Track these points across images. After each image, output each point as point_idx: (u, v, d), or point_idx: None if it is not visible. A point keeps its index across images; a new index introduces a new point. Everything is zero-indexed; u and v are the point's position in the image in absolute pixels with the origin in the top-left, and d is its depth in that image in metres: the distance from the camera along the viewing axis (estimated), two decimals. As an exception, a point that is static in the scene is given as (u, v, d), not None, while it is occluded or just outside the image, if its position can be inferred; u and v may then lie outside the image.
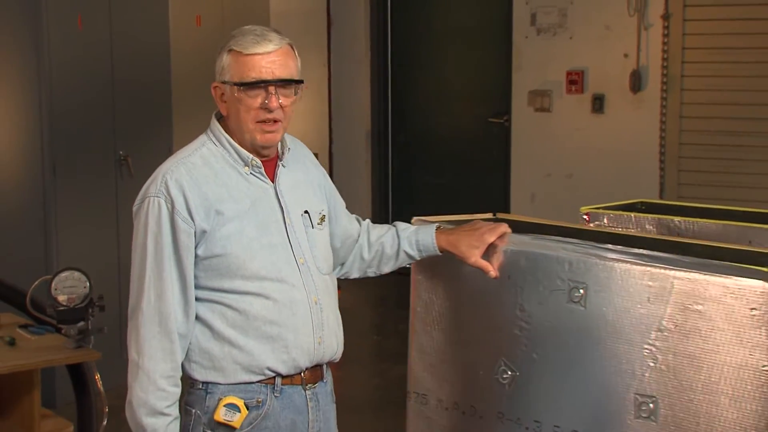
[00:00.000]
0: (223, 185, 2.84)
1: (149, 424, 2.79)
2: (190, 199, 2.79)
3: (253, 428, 2.85)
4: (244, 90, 2.81)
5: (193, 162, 2.85)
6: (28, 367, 4.04)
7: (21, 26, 5.99)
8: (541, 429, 3.11)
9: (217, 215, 2.80)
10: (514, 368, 3.16)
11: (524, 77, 8.07)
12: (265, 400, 2.86)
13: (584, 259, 2.98)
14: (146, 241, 2.80)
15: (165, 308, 2.79)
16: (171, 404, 2.80)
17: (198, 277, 2.82)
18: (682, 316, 2.80)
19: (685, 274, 2.80)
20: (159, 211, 2.79)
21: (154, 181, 2.84)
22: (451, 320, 3.28)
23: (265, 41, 2.83)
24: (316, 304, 2.91)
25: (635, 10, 7.57)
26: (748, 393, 2.71)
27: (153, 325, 2.79)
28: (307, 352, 2.90)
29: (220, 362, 2.84)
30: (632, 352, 2.89)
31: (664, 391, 2.84)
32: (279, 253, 2.87)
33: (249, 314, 2.83)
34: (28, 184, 6.09)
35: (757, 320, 2.69)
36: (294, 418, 2.91)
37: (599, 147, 7.83)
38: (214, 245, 2.80)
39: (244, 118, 2.84)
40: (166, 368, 2.79)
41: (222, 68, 2.85)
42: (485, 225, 3.07)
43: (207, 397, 2.85)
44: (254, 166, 2.88)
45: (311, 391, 2.95)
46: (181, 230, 2.78)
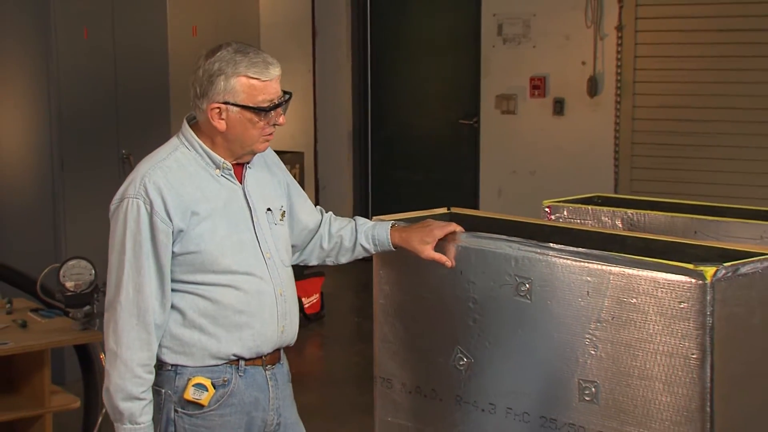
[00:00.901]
0: (197, 187, 2.81)
1: (126, 408, 2.77)
2: (168, 201, 2.76)
3: (220, 405, 2.85)
4: (257, 112, 2.78)
5: (169, 165, 2.81)
6: (38, 347, 4.04)
7: (32, 37, 5.99)
8: (495, 411, 3.11)
9: (193, 215, 2.78)
10: (469, 355, 3.16)
11: (491, 82, 8.06)
12: (231, 380, 2.86)
13: (529, 256, 2.98)
14: (125, 239, 2.76)
15: (143, 302, 2.76)
16: (146, 389, 2.79)
17: (173, 271, 2.80)
18: (618, 309, 2.80)
19: (621, 270, 2.79)
20: (138, 212, 2.75)
21: (133, 183, 2.79)
22: (410, 311, 3.28)
23: (271, 67, 2.79)
24: (281, 296, 2.91)
25: (592, 22, 7.58)
26: (679, 379, 2.71)
27: (131, 317, 2.75)
28: (270, 340, 2.90)
29: (190, 348, 2.83)
30: (575, 341, 2.89)
31: (605, 377, 2.84)
32: (248, 249, 2.86)
33: (220, 304, 2.82)
34: (39, 180, 6.08)
35: (685, 312, 2.69)
36: (257, 395, 2.91)
37: (560, 146, 7.84)
38: (189, 243, 2.79)
39: (252, 135, 2.82)
40: (143, 357, 2.77)
41: (225, 91, 2.76)
42: (435, 223, 3.07)
43: (176, 377, 2.84)
44: (225, 169, 2.86)
45: (271, 371, 2.95)
46: (159, 230, 2.75)
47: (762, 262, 2.77)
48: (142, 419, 2.79)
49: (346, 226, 3.16)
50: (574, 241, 3.05)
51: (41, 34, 5.94)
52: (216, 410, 2.85)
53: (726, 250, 2.88)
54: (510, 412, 3.08)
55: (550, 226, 3.40)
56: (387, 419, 3.44)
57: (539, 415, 3.00)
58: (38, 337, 4.07)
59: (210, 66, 2.79)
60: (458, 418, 3.22)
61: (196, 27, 6.91)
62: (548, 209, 3.80)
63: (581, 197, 3.90)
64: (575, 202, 3.82)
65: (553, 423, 2.98)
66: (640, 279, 2.77)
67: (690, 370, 2.70)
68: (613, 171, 7.65)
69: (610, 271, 2.83)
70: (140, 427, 2.79)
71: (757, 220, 3.49)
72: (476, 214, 3.53)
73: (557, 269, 2.93)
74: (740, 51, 7.15)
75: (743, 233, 3.43)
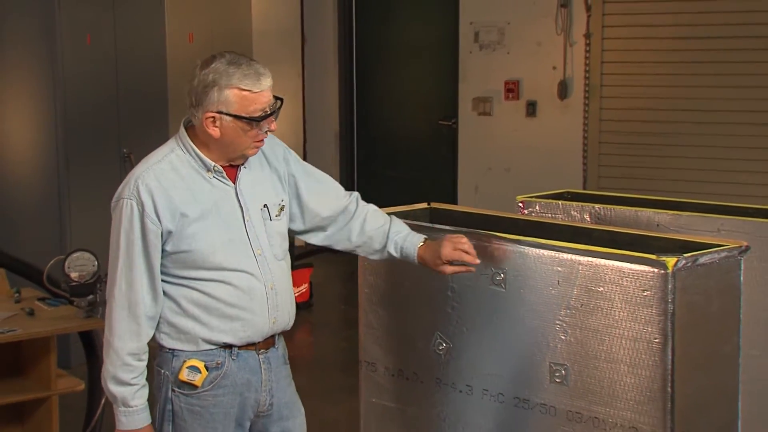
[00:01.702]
0: (188, 189, 2.79)
1: (119, 392, 2.79)
2: (158, 204, 2.75)
3: (213, 386, 2.85)
4: (249, 122, 2.76)
5: (162, 168, 2.79)
6: (45, 334, 4.02)
7: (39, 43, 5.96)
8: (472, 392, 3.12)
9: (182, 217, 2.77)
10: (447, 341, 3.17)
11: (469, 86, 8.06)
12: (224, 363, 2.86)
13: (503, 247, 3.00)
14: (119, 238, 2.77)
15: (134, 296, 2.76)
16: (136, 376, 2.79)
17: (167, 266, 2.80)
18: (586, 296, 2.82)
19: (589, 260, 2.82)
20: (131, 212, 2.75)
21: (128, 184, 2.79)
22: (393, 300, 3.29)
23: (263, 78, 2.76)
24: (272, 290, 2.88)
25: (562, 30, 7.58)
26: (642, 361, 2.73)
27: (123, 310, 2.76)
28: (260, 331, 2.88)
29: (185, 335, 2.83)
30: (546, 327, 2.91)
31: (574, 360, 2.87)
32: (238, 246, 2.84)
33: (212, 296, 2.82)
34: (45, 178, 6.06)
35: (648, 300, 2.71)
36: (249, 377, 2.90)
37: (532, 145, 7.84)
38: (181, 242, 2.78)
39: (244, 142, 2.79)
40: (133, 347, 2.77)
41: (219, 101, 2.73)
42: (447, 242, 2.96)
43: (173, 360, 2.85)
44: (216, 171, 2.83)
45: (264, 355, 2.93)
46: (149, 230, 2.75)
47: (719, 253, 2.79)
48: (134, 402, 2.80)
49: (379, 228, 3.06)
50: (545, 233, 3.06)
51: (48, 41, 5.92)
52: (209, 391, 2.85)
53: (686, 242, 2.90)
54: (486, 393, 3.09)
55: (523, 219, 3.41)
56: (372, 400, 3.45)
57: (513, 396, 3.01)
58: (45, 324, 4.06)
59: (204, 77, 2.75)
60: (438, 399, 3.23)
61: (192, 34, 6.89)
62: (521, 204, 3.81)
63: (552, 193, 3.92)
64: (547, 198, 3.83)
65: (526, 403, 2.99)
66: (607, 269, 2.79)
67: (653, 353, 2.72)
68: (582, 168, 7.66)
69: (579, 262, 2.84)
70: (133, 410, 2.80)
71: (714, 214, 3.51)
72: (455, 208, 3.53)
73: (530, 260, 2.94)
74: (698, 57, 7.17)
75: (702, 226, 3.44)
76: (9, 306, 4.25)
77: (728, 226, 3.41)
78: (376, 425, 3.45)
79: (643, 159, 7.42)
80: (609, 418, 2.81)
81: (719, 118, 7.14)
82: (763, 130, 6.99)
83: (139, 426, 2.82)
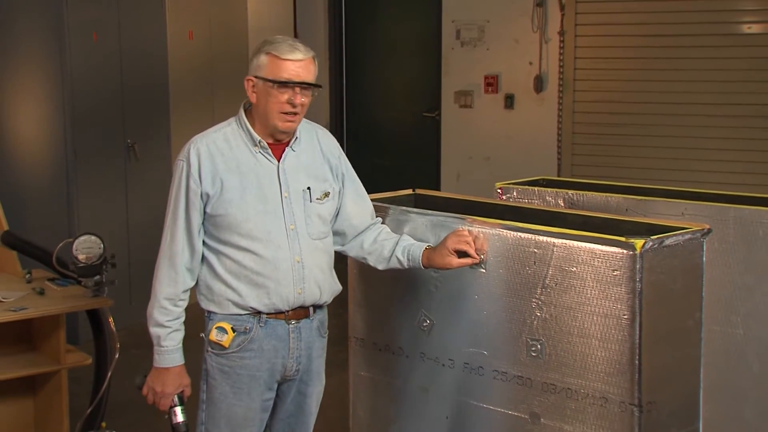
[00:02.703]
0: (234, 158, 2.87)
1: (154, 332, 2.89)
2: (202, 167, 2.84)
3: (241, 349, 2.90)
4: (276, 86, 2.81)
5: (216, 137, 2.90)
6: (55, 312, 4.01)
7: (49, 41, 5.94)
8: (454, 366, 3.13)
9: (222, 183, 2.84)
10: (431, 318, 3.17)
11: (451, 80, 8.04)
12: (252, 328, 2.89)
13: (483, 230, 2.99)
14: (171, 195, 2.90)
15: (174, 247, 2.87)
16: (171, 319, 2.88)
17: (208, 229, 2.88)
18: (560, 276, 2.83)
19: (563, 242, 2.82)
20: (182, 172, 2.86)
21: (185, 148, 2.90)
22: (381, 280, 3.29)
23: (295, 51, 2.82)
24: (298, 263, 2.89)
25: (538, 28, 7.57)
26: (612, 336, 2.74)
27: (165, 259, 2.88)
28: (286, 300, 2.90)
29: (217, 297, 2.89)
30: (523, 304, 2.91)
31: (549, 335, 2.87)
32: (271, 219, 2.87)
33: (241, 264, 2.86)
34: (55, 166, 6.04)
35: (618, 279, 2.71)
36: (276, 344, 2.92)
37: (510, 136, 7.83)
38: (219, 206, 2.85)
39: (272, 108, 2.84)
40: (170, 292, 2.87)
41: (257, 66, 2.83)
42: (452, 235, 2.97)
43: (208, 322, 2.93)
44: (262, 147, 2.89)
45: (294, 325, 2.94)
46: (191, 189, 2.85)
47: (684, 235, 2.79)
48: (165, 343, 2.88)
49: (391, 239, 3.08)
50: (522, 217, 3.06)
51: (56, 39, 5.89)
52: (237, 352, 2.90)
53: (653, 225, 2.91)
54: (467, 367, 3.09)
55: (501, 205, 3.41)
56: (360, 373, 3.45)
57: (492, 369, 3.02)
58: (54, 303, 4.04)
59: (255, 50, 2.87)
60: (422, 372, 3.23)
61: (191, 31, 6.86)
62: (500, 190, 3.81)
63: (529, 180, 3.92)
64: (523, 184, 3.83)
65: (504, 375, 2.99)
66: (580, 250, 2.79)
67: (622, 328, 2.72)
68: (557, 157, 7.65)
69: (554, 244, 2.84)
70: (164, 349, 2.89)
71: (679, 199, 3.51)
72: (438, 194, 3.53)
73: (508, 242, 2.94)
74: (664, 54, 7.17)
75: (667, 210, 3.45)
76: (21, 286, 4.24)
77: (691, 211, 3.41)
78: (365, 396, 3.45)
79: (613, 148, 7.43)
80: (581, 389, 2.81)
81: (683, 110, 7.16)
82: (722, 122, 7.01)
83: (168, 365, 2.90)
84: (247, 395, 2.92)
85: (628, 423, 2.73)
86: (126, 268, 6.17)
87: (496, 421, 3.02)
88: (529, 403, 2.93)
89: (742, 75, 6.94)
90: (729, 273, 3.39)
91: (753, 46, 6.91)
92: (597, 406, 2.78)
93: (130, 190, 6.36)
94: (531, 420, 2.93)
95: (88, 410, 4.15)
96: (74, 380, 4.43)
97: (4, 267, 4.48)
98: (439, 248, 2.97)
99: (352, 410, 3.51)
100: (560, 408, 2.86)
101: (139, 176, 6.44)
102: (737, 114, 6.97)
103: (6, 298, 4.03)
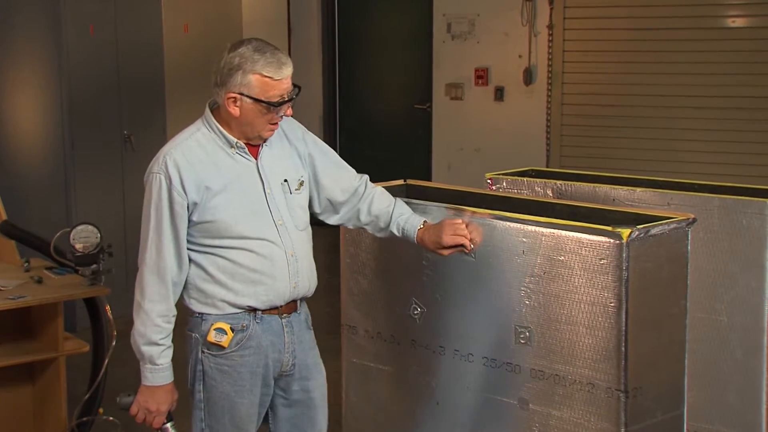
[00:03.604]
0: (212, 164, 2.79)
1: (146, 351, 2.80)
2: (184, 177, 2.75)
3: (239, 347, 2.84)
4: (267, 106, 2.74)
5: (189, 145, 2.79)
6: (53, 300, 4.00)
7: (46, 34, 5.92)
8: (444, 353, 3.12)
9: (207, 190, 2.77)
10: (422, 306, 3.16)
11: (442, 73, 8.03)
12: (249, 325, 2.84)
13: (473, 220, 2.98)
14: (150, 209, 2.78)
15: (162, 263, 2.77)
16: (164, 337, 2.80)
17: (194, 236, 2.80)
18: (548, 265, 2.82)
19: (551, 232, 2.81)
20: (160, 186, 2.76)
21: (158, 160, 2.79)
22: (372, 269, 3.28)
23: (283, 66, 2.74)
24: (292, 257, 2.86)
25: (527, 21, 7.56)
26: (599, 323, 2.74)
27: (153, 275, 2.77)
28: (282, 295, 2.87)
29: (212, 299, 2.83)
30: (512, 293, 2.91)
31: (537, 323, 2.87)
32: (259, 217, 2.83)
33: (236, 263, 2.80)
34: (52, 157, 6.03)
35: (605, 267, 2.71)
36: (273, 339, 2.88)
37: (500, 127, 7.83)
38: (206, 213, 2.77)
39: (260, 123, 2.77)
40: (162, 309, 2.78)
41: (243, 85, 2.71)
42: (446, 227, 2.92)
43: (202, 323, 2.84)
44: (239, 147, 2.83)
45: (287, 319, 2.91)
46: (176, 202, 2.75)
47: (669, 225, 2.80)
48: (160, 361, 2.81)
49: (384, 209, 3.02)
50: (511, 207, 3.06)
51: (54, 32, 5.88)
52: (236, 351, 2.84)
53: (639, 214, 2.91)
54: (457, 354, 3.09)
55: (491, 195, 3.41)
56: (353, 360, 3.45)
57: (482, 356, 3.02)
58: (52, 291, 4.03)
59: (231, 60, 2.73)
60: (413, 359, 3.23)
61: (187, 25, 6.86)
62: (490, 181, 3.81)
63: (518, 170, 3.91)
64: (513, 175, 3.83)
65: (493, 362, 3.00)
66: (567, 239, 2.79)
67: (608, 316, 2.72)
68: (545, 148, 7.66)
69: (542, 233, 2.84)
70: (159, 368, 2.81)
71: (664, 189, 3.52)
72: (429, 185, 3.52)
73: (497, 232, 2.94)
74: (651, 47, 7.18)
75: (653, 200, 3.46)
76: (19, 275, 4.23)
77: (677, 200, 3.42)
78: (357, 383, 3.45)
79: (600, 140, 7.44)
80: (569, 375, 2.81)
81: (669, 102, 7.17)
82: (707, 114, 7.03)
83: (164, 382, 2.83)
84: (249, 392, 2.88)
85: (614, 408, 2.73)
86: (123, 257, 6.15)
87: (485, 407, 3.02)
88: (518, 389, 2.93)
89: (727, 68, 6.95)
90: (713, 261, 3.40)
91: (737, 39, 6.92)
92: (584, 392, 2.78)
93: (127, 180, 6.35)
94: (520, 405, 2.93)
95: (86, 396, 4.15)
96: (72, 367, 4.42)
97: (2, 256, 4.47)
98: (433, 236, 2.92)
99: (344, 397, 3.51)
100: (548, 394, 2.86)
101: (136, 167, 6.41)
102: (722, 106, 6.99)
103: (5, 287, 4.02)
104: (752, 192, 3.45)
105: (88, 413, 4.14)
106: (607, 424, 2.75)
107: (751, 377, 3.39)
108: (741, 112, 6.93)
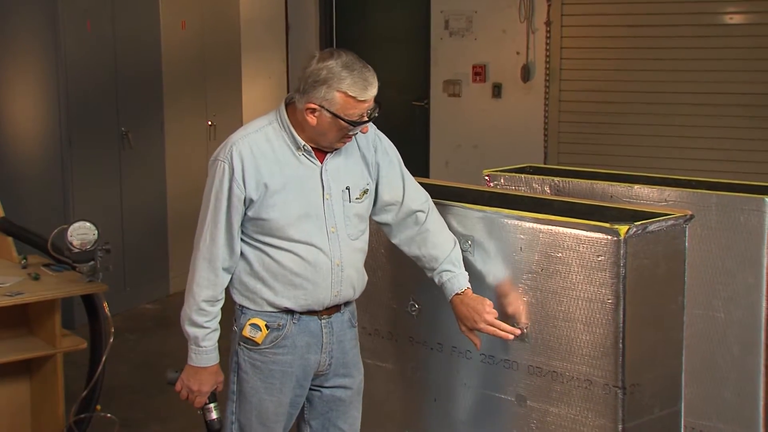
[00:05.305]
0: (276, 161, 2.77)
1: (192, 332, 2.82)
2: (246, 171, 2.74)
3: (274, 345, 2.85)
4: (346, 123, 2.72)
5: (257, 138, 2.77)
6: (50, 297, 4.00)
7: (43, 30, 5.91)
8: (442, 349, 3.13)
9: (265, 188, 2.75)
10: (420, 303, 3.17)
11: (440, 70, 8.03)
12: (285, 325, 2.84)
13: (471, 215, 2.99)
14: (210, 195, 2.78)
15: (215, 250, 2.78)
16: (209, 320, 2.82)
17: (247, 228, 2.79)
18: (546, 261, 2.82)
19: (549, 228, 2.81)
20: (223, 174, 2.75)
21: (225, 147, 2.78)
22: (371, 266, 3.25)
23: (370, 88, 2.71)
24: (338, 266, 2.83)
25: (525, 18, 7.56)
26: (597, 320, 2.74)
27: (204, 261, 2.79)
28: (321, 302, 2.85)
29: (251, 294, 2.83)
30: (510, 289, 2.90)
31: (535, 319, 2.86)
32: (313, 222, 2.80)
33: (281, 264, 2.79)
34: (50, 154, 6.02)
35: (603, 264, 2.71)
36: (309, 340, 2.87)
37: (497, 124, 7.84)
38: (261, 211, 2.76)
39: (335, 135, 2.75)
40: (208, 294, 2.80)
41: (327, 100, 2.67)
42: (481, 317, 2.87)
43: (241, 316, 2.86)
44: (306, 150, 2.80)
45: (326, 320, 2.89)
46: (234, 194, 2.75)
47: (666, 222, 2.79)
48: (204, 343, 2.83)
49: (433, 256, 2.94)
50: (509, 204, 3.05)
51: (50, 28, 5.87)
52: (270, 348, 2.85)
53: (636, 211, 2.90)
54: (455, 350, 3.09)
55: (489, 191, 3.40)
56: (351, 356, 3.45)
57: (479, 353, 3.02)
58: (50, 288, 4.03)
59: (317, 71, 2.68)
60: (411, 356, 3.23)
61: (184, 21, 6.84)
62: (488, 177, 3.80)
63: (516, 167, 3.90)
64: (511, 172, 3.82)
65: (491, 359, 3.00)
66: (565, 236, 2.78)
67: (606, 312, 2.72)
68: (543, 145, 7.66)
69: (540, 230, 2.83)
70: (203, 349, 2.83)
71: (662, 186, 3.51)
72: (427, 181, 3.50)
73: (495, 228, 2.93)
74: (648, 44, 7.18)
75: (651, 197, 3.45)
76: (17, 271, 4.23)
77: (674, 197, 3.42)
78: (355, 379, 3.44)
79: (598, 136, 7.44)
80: (566, 372, 2.81)
81: (667, 99, 7.18)
82: (705, 110, 7.04)
83: (207, 364, 2.85)
84: (278, 391, 2.87)
85: (612, 404, 2.73)
86: (120, 254, 6.17)
87: (483, 404, 3.02)
88: (516, 386, 2.93)
89: (725, 65, 6.96)
90: (711, 258, 3.40)
91: (735, 36, 6.93)
92: (582, 389, 2.78)
93: (124, 177, 6.35)
94: (517, 402, 2.93)
95: (83, 393, 4.15)
96: (69, 364, 4.42)
97: (0, 253, 4.46)
98: (464, 315, 2.88)
99: (342, 393, 3.50)
100: (546, 390, 2.86)
101: (133, 164, 6.43)
102: (719, 103, 6.99)
103: (2, 284, 4.02)
104: (750, 189, 3.45)
105: (85, 411, 4.14)
106: (605, 420, 2.75)
107: (748, 373, 3.39)
108: (739, 109, 6.94)
